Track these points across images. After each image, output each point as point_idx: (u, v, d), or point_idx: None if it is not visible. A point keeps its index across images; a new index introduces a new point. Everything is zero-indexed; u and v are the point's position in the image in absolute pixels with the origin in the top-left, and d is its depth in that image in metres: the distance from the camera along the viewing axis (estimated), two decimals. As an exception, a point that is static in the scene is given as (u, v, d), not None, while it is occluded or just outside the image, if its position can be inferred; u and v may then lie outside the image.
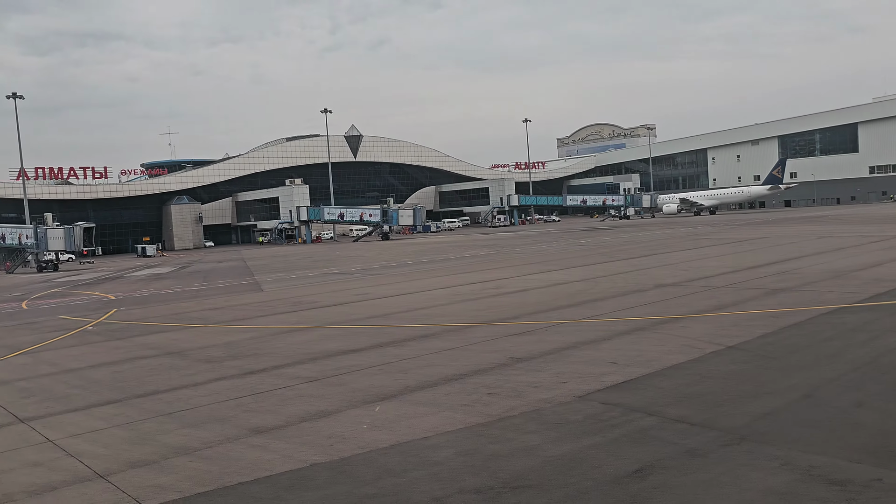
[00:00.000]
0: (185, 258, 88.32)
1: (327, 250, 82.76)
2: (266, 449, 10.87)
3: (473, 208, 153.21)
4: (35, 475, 10.36)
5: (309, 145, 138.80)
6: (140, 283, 49.91)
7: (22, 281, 62.80)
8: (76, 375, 17.53)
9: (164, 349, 20.44)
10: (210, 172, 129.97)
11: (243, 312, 27.96)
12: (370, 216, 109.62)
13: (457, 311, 24.08)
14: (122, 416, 13.32)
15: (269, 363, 17.29)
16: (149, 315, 29.18)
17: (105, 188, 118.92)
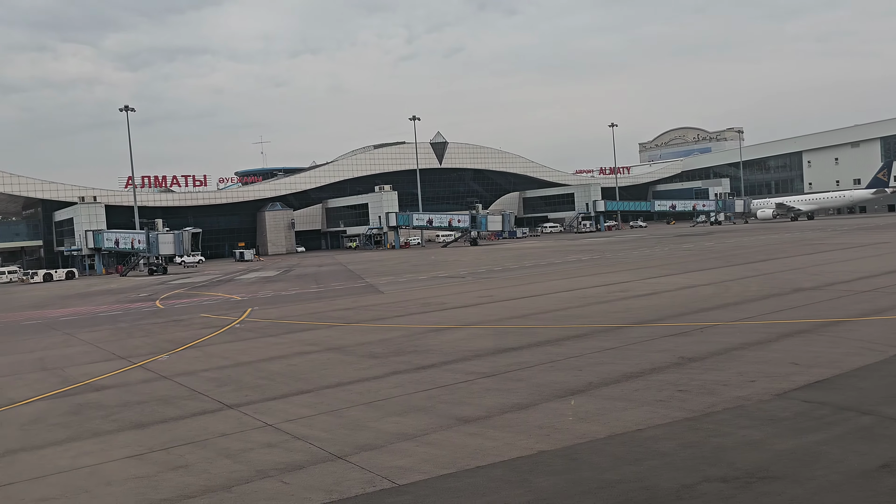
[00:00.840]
0: (282, 262, 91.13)
1: (420, 255, 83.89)
2: (484, 437, 11.37)
3: (558, 214, 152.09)
4: (276, 455, 11.16)
5: (396, 152, 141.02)
6: (254, 285, 51.94)
7: (141, 283, 66.25)
8: (254, 368, 18.58)
9: (323, 345, 21.40)
10: (301, 180, 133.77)
11: (377, 312, 28.85)
12: (458, 222, 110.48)
13: (594, 313, 24.24)
14: (323, 405, 14.10)
15: (434, 359, 17.91)
16: (286, 314, 30.46)
17: (204, 195, 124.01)
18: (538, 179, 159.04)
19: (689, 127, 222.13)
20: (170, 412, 14.43)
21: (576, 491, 8.93)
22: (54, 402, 16.06)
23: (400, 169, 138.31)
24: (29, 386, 18.30)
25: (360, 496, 9.24)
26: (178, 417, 13.97)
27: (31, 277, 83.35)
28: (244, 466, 10.71)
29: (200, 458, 11.27)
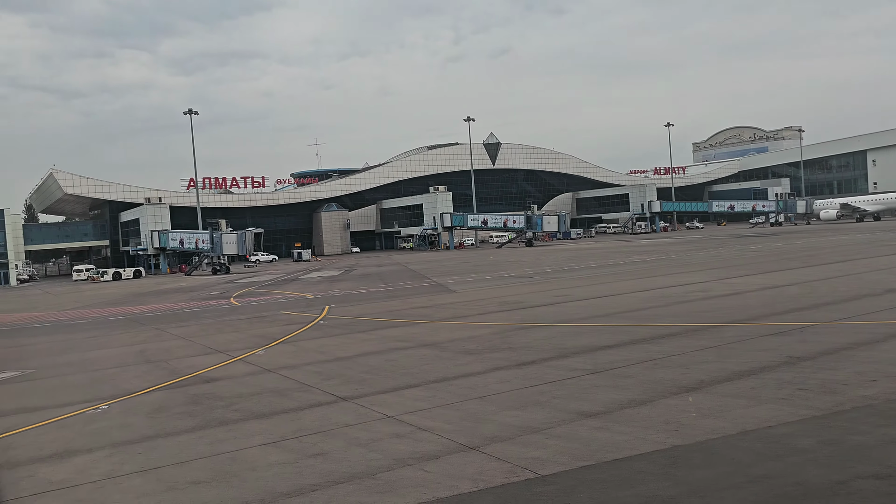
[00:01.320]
0: (341, 262, 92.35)
1: (478, 256, 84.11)
2: (611, 431, 11.45)
3: (612, 215, 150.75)
4: (407, 444, 11.44)
5: (449, 153, 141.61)
6: (321, 284, 52.82)
7: (208, 282, 68.00)
8: (353, 362, 18.99)
9: (414, 342, 21.74)
10: (356, 181, 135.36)
11: (456, 311, 29.13)
12: (514, 222, 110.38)
13: (680, 312, 24.06)
14: (436, 398, 14.37)
15: (532, 356, 18.04)
16: (365, 312, 30.97)
17: (262, 196, 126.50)
18: (591, 180, 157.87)
19: (745, 126, 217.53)
20: (287, 403, 14.88)
21: (725, 484, 8.96)
22: (171, 393, 16.70)
23: (453, 170, 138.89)
24: (141, 377, 19.06)
25: (506, 485, 9.43)
26: (297, 408, 14.40)
27: (101, 276, 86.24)
28: (379, 455, 11.02)
29: (334, 446, 11.62)
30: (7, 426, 14.51)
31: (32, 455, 12.34)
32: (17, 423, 14.80)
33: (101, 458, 11.91)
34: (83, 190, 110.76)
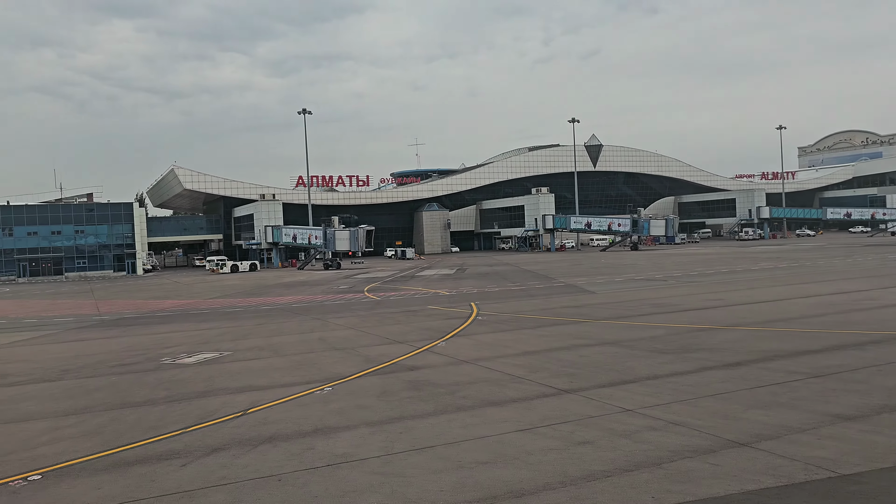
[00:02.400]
0: (446, 261, 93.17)
1: (585, 258, 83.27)
2: (885, 435, 11.19)
3: (716, 220, 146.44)
4: (671, 437, 11.49)
5: (549, 155, 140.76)
6: (444, 281, 53.51)
7: (326, 276, 70.02)
8: (547, 357, 19.20)
9: (593, 339, 21.80)
10: (457, 181, 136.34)
11: (614, 311, 28.97)
12: (619, 225, 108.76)
13: (865, 321, 23.16)
14: (663, 395, 14.36)
15: (734, 357, 17.79)
16: (517, 309, 31.26)
17: (366, 195, 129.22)
18: (694, 184, 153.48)
19: (857, 130, 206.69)
20: (510, 393, 15.21)
21: None
22: (385, 378, 17.33)
23: (552, 172, 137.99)
24: (340, 362, 19.88)
25: (812, 482, 9.37)
26: (524, 398, 14.70)
27: (220, 268, 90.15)
28: (649, 446, 11.13)
29: (594, 436, 11.82)
30: (249, 402, 15.43)
31: (295, 429, 13.07)
32: (255, 399, 15.70)
33: (365, 435, 12.51)
34: (200, 186, 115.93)
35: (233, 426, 13.54)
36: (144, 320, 34.94)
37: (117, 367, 20.75)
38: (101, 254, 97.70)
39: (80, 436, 13.38)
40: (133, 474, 10.97)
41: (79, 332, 31.17)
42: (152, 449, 12.29)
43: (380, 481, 10.13)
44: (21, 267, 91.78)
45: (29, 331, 32.47)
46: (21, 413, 15.53)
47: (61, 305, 47.58)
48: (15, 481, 10.91)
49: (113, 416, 14.78)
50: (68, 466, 11.50)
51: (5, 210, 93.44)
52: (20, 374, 20.29)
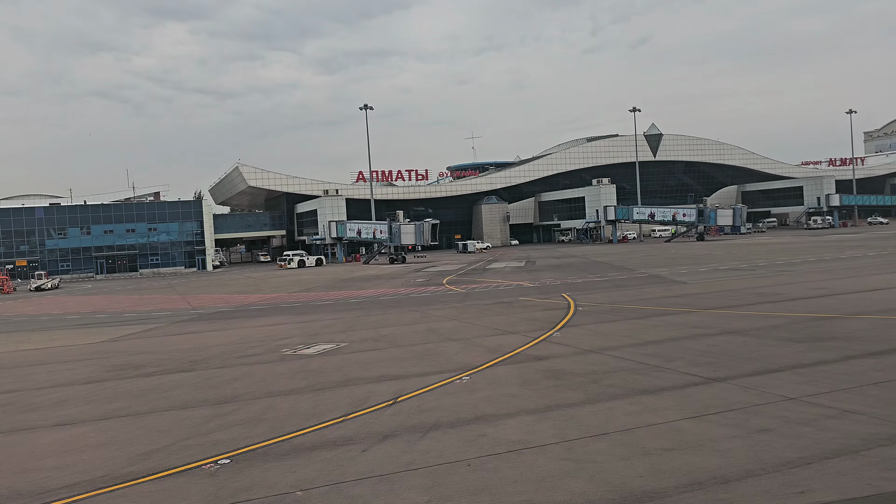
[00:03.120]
0: (509, 254, 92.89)
1: (655, 249, 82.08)
2: None
3: (781, 209, 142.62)
4: (859, 426, 11.24)
5: (608, 145, 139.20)
6: (520, 273, 53.40)
7: (395, 270, 70.61)
8: (673, 346, 18.98)
9: (713, 328, 21.48)
10: (515, 174, 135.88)
11: (717, 301, 28.47)
12: (684, 216, 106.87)
13: None
14: (819, 384, 14.02)
15: (877, 346, 17.32)
16: (613, 300, 31.02)
17: (425, 189, 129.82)
18: (757, 172, 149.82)
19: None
20: (656, 382, 15.09)
21: None
22: (518, 367, 17.38)
23: (611, 162, 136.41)
24: (463, 352, 20.02)
25: None
26: (673, 387, 14.56)
27: (288, 263, 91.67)
28: (836, 434, 10.90)
29: (771, 423, 11.62)
30: (393, 391, 15.65)
31: (455, 417, 13.21)
32: (396, 388, 15.92)
33: (530, 422, 12.57)
34: (264, 182, 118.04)
35: (390, 414, 13.76)
36: (241, 314, 35.79)
37: (243, 358, 21.30)
38: (172, 251, 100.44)
39: (245, 423, 13.77)
40: (318, 459, 11.24)
41: (184, 325, 32.11)
42: (323, 435, 12.57)
43: (572, 467, 10.17)
44: (98, 264, 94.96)
45: (135, 324, 33.58)
46: (176, 401, 16.06)
47: (150, 301, 49.08)
48: (206, 465, 11.29)
49: (267, 405, 15.17)
50: (250, 451, 11.85)
51: (83, 209, 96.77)
52: (153, 365, 21.00)
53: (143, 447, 12.44)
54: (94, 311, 42.97)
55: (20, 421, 14.99)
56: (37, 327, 35.07)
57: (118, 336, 28.90)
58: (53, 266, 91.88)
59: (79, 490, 10.46)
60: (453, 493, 9.44)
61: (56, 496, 10.25)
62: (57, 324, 36.21)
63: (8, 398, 17.36)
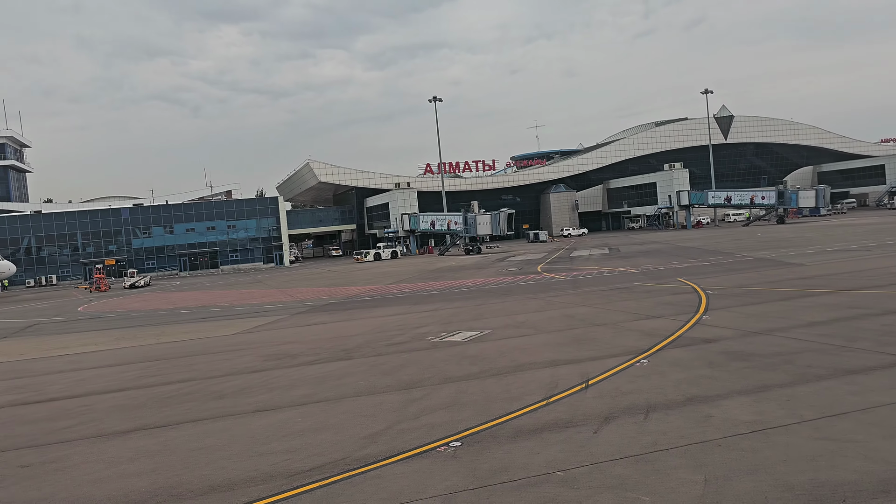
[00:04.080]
0: (585, 242, 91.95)
1: (741, 233, 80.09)
2: None
3: (861, 189, 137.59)
4: None
5: (677, 129, 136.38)
6: (610, 260, 52.79)
7: (480, 261, 70.64)
8: (844, 326, 18.39)
9: (875, 308, 20.76)
10: (582, 161, 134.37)
11: (851, 282, 27.50)
12: (762, 198, 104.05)
13: None
14: None
15: None
16: (740, 283, 30.32)
17: (492, 179, 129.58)
18: (833, 151, 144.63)
19: None
20: (855, 362, 14.60)
21: None
22: (693, 351, 17.07)
23: (679, 147, 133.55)
24: (619, 336, 19.80)
25: None
26: (880, 367, 14.08)
27: (364, 256, 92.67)
28: None
29: None
30: (577, 374, 15.53)
31: (664, 399, 13.00)
32: (578, 372, 15.79)
33: (749, 402, 12.31)
34: (334, 178, 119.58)
35: (593, 397, 13.66)
36: (354, 305, 36.25)
37: (393, 346, 21.52)
38: (251, 247, 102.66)
39: (445, 407, 13.84)
40: (552, 441, 11.20)
41: (305, 316, 32.68)
42: (537, 418, 12.53)
43: (836, 446, 9.87)
44: (181, 262, 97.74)
45: (255, 317, 34.34)
46: (358, 388, 16.27)
47: (251, 295, 50.18)
48: (440, 447, 11.37)
49: (455, 389, 15.25)
50: (473, 434, 11.88)
51: (165, 209, 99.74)
52: (307, 354, 21.39)
53: (361, 431, 12.61)
54: (202, 305, 44.15)
55: (219, 408, 15.41)
56: (157, 322, 36.16)
57: (248, 328, 29.56)
58: (140, 264, 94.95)
59: (327, 472, 10.64)
60: (727, 472, 9.26)
61: (309, 478, 10.45)
62: (174, 318, 37.28)
63: (190, 386, 17.90)
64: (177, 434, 13.51)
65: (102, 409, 16.12)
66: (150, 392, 17.66)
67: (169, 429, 13.95)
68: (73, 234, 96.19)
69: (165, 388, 17.90)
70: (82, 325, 38.19)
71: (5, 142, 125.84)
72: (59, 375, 21.38)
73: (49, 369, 22.82)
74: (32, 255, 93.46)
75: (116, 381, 19.51)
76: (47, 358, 25.52)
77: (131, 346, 26.89)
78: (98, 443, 13.34)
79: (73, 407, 16.62)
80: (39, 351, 27.62)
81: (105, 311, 46.85)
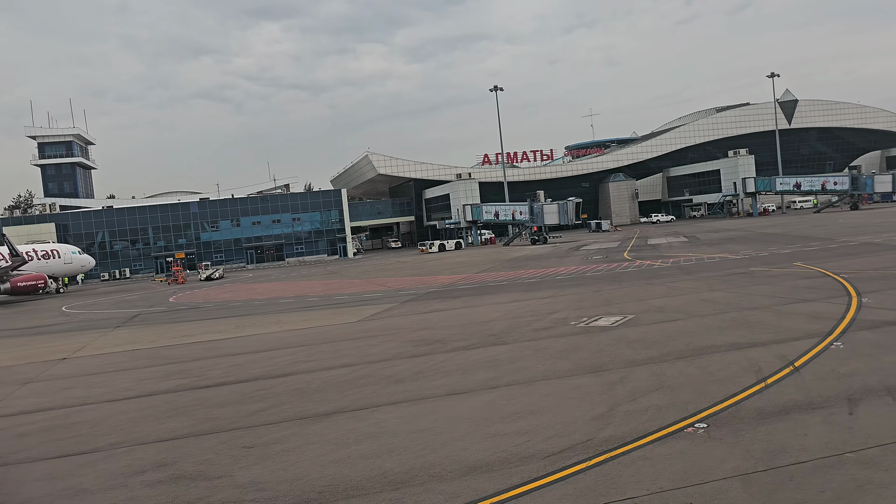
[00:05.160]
0: (651, 231, 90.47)
1: (821, 219, 77.84)
2: None
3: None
4: None
5: (738, 115, 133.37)
6: (696, 247, 51.63)
7: (550, 251, 69.97)
8: None
9: None
10: (642, 149, 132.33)
11: None
12: (835, 184, 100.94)
13: None
14: None
15: None
16: (873, 266, 29.18)
17: (549, 169, 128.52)
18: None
19: None
20: None
21: None
22: (888, 333, 16.36)
23: (739, 133, 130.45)
24: (786, 319, 19.12)
25: None
26: None
27: (428, 248, 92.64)
28: None
29: None
30: (772, 357, 14.96)
31: None
32: (773, 354, 15.22)
33: None
34: (393, 169, 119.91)
35: (812, 378, 13.10)
36: (457, 293, 35.95)
37: (541, 332, 21.12)
38: (315, 239, 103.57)
39: (653, 390, 13.41)
40: (810, 422, 10.72)
41: (417, 304, 32.44)
42: (770, 400, 12.03)
43: None
44: (248, 254, 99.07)
45: (362, 306, 34.32)
46: (537, 372, 15.92)
47: (338, 285, 50.36)
48: (687, 428, 10.97)
49: (652, 371, 14.82)
50: (712, 415, 11.45)
51: (232, 203, 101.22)
52: (454, 340, 21.11)
53: (583, 414, 12.27)
54: (296, 295, 44.42)
55: (406, 391, 15.23)
56: (262, 311, 36.35)
57: (366, 316, 29.48)
58: (208, 257, 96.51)
59: (582, 453, 10.33)
60: None
61: (567, 459, 10.15)
62: (277, 307, 37.43)
63: (355, 371, 17.78)
64: (383, 417, 13.35)
65: (281, 393, 16.09)
66: (318, 376, 17.61)
67: (369, 411, 13.81)
68: (143, 229, 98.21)
69: (332, 373, 17.81)
70: (187, 314, 38.71)
71: (72, 139, 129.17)
72: (210, 361, 21.52)
73: (193, 356, 23.02)
74: (107, 250, 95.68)
75: (274, 366, 19.53)
76: (182, 345, 25.79)
77: (259, 334, 27.02)
78: (307, 425, 13.26)
79: (251, 391, 16.64)
80: (167, 339, 27.95)
81: (197, 301, 47.53)
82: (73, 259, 74.18)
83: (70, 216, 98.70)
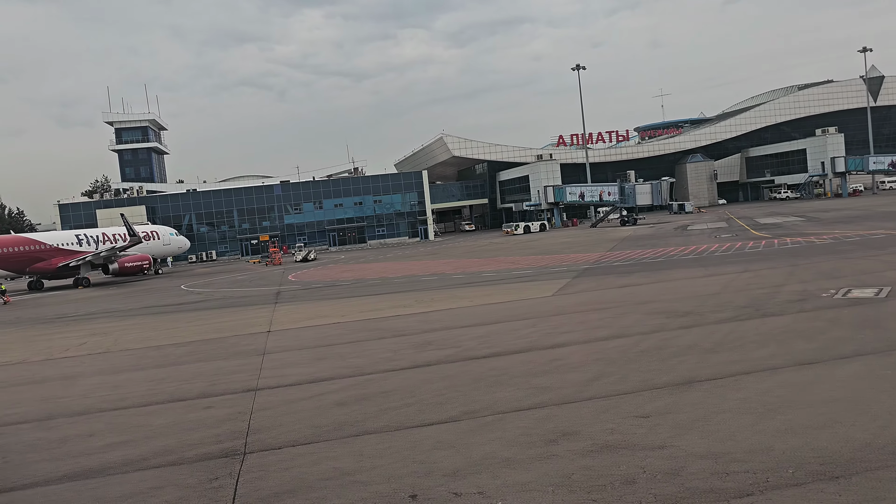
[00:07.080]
0: (740, 212, 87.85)
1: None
2: None
3: None
4: None
5: (821, 93, 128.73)
6: (820, 225, 49.58)
7: (650, 231, 68.24)
8: None
9: None
10: (721, 129, 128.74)
11: None
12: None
13: None
14: None
15: None
16: None
17: (624, 150, 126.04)
18: None
19: None
20: None
21: None
22: None
23: (822, 112, 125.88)
24: None
25: None
26: None
27: (515, 230, 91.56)
28: None
29: None
30: None
31: None
32: None
33: None
34: (466, 152, 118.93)
35: None
36: (619, 270, 34.87)
37: (797, 305, 19.90)
38: (396, 221, 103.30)
39: None
40: None
41: (591, 280, 31.47)
42: None
43: None
44: (331, 237, 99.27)
45: (523, 282, 33.46)
46: (848, 349, 14.81)
47: (455, 264, 49.51)
48: None
49: None
50: None
51: (314, 185, 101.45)
52: (700, 312, 19.98)
53: None
54: (414, 274, 43.60)
55: (724, 363, 14.21)
56: (414, 288, 35.59)
57: (554, 291, 28.52)
58: (291, 240, 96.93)
59: None
60: None
61: None
62: (435, 284, 36.69)
63: (648, 340, 16.82)
64: (764, 387, 12.26)
65: (576, 363, 15.23)
66: (599, 347, 16.67)
67: (734, 380, 12.76)
68: (229, 211, 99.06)
69: (603, 346, 16.84)
70: (331, 291, 38.37)
71: (148, 125, 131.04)
72: (435, 334, 20.75)
73: (407, 329, 22.30)
74: (193, 232, 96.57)
75: (532, 337, 18.70)
76: (392, 317, 25.01)
77: (461, 307, 26.20)
78: (678, 393, 12.31)
79: (542, 360, 15.82)
80: (366, 312, 27.02)
81: (315, 280, 47.37)
82: (171, 241, 74.88)
83: (158, 199, 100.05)
